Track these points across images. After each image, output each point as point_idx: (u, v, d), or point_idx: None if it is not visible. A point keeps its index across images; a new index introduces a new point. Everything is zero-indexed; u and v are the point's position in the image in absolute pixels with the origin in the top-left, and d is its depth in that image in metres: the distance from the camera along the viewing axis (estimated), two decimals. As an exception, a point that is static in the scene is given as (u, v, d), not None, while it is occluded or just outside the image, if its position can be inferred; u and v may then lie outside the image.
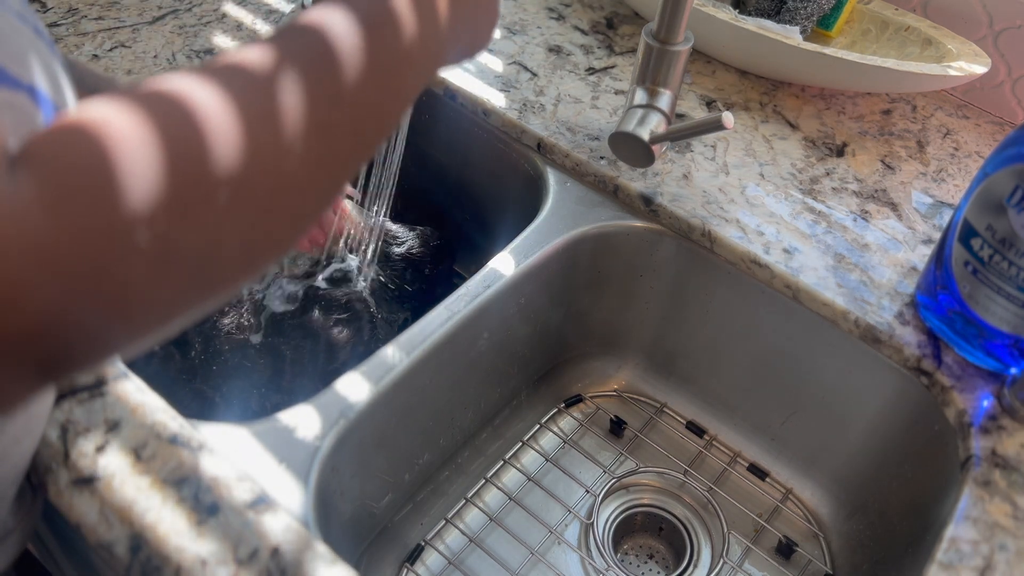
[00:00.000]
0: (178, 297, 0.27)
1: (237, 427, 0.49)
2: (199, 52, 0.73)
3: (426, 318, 0.57)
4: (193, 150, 0.26)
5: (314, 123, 0.30)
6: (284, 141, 0.29)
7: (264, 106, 0.29)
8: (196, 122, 0.27)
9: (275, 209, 0.29)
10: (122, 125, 0.25)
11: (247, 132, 0.28)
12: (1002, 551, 0.47)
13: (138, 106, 0.26)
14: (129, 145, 0.25)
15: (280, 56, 0.30)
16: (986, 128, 0.79)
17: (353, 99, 0.32)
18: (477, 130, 0.75)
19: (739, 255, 0.63)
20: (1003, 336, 0.54)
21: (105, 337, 0.26)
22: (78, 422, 0.46)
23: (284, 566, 0.41)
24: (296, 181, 0.30)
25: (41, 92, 0.32)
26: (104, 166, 0.24)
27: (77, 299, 0.24)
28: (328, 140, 0.31)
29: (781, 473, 0.70)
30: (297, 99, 0.29)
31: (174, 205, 0.26)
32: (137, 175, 0.25)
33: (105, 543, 0.42)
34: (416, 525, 0.65)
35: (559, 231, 0.65)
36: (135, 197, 0.25)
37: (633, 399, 0.75)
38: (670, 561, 0.67)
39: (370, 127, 0.33)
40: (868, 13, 0.83)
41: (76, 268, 0.24)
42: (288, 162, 0.29)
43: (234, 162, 0.27)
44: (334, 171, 0.32)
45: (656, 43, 0.62)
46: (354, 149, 0.32)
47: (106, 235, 0.24)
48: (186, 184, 0.26)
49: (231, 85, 0.28)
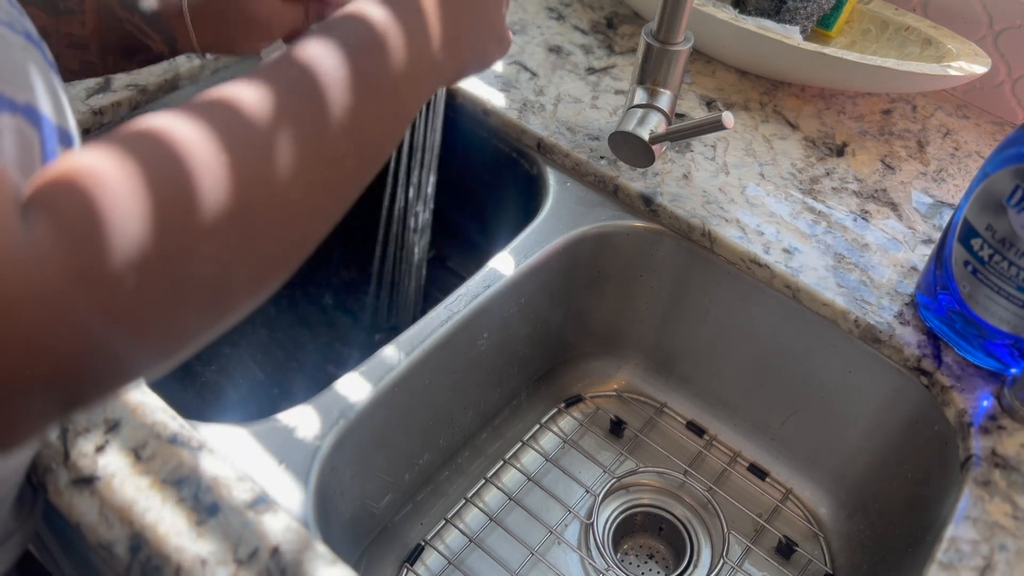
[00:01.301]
0: (191, 325, 0.28)
1: (237, 427, 0.49)
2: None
3: (426, 318, 0.57)
4: (188, 190, 0.27)
5: (311, 150, 0.30)
6: (284, 170, 0.29)
7: (261, 137, 0.29)
8: (187, 162, 0.27)
9: (280, 236, 0.30)
10: (117, 173, 0.26)
11: (246, 166, 0.28)
12: (1002, 551, 0.47)
13: (129, 152, 0.26)
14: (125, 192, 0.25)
15: (274, 86, 0.30)
16: (986, 128, 0.79)
17: (349, 123, 0.32)
18: (477, 130, 0.75)
19: (739, 255, 0.63)
20: (1003, 336, 0.54)
21: (124, 371, 0.27)
22: (78, 422, 0.46)
23: (284, 566, 0.41)
24: (299, 208, 0.30)
25: (39, 111, 0.32)
26: (107, 213, 0.25)
27: (94, 339, 0.25)
28: (327, 165, 0.31)
29: (781, 473, 0.70)
30: (293, 128, 0.30)
31: (178, 243, 0.26)
32: (137, 219, 0.25)
33: (105, 543, 0.42)
34: (416, 525, 0.65)
35: (559, 231, 0.65)
36: (139, 240, 0.25)
37: (633, 399, 0.75)
38: (670, 561, 0.67)
39: (368, 149, 0.33)
40: (868, 13, 0.83)
41: (92, 311, 0.24)
42: (289, 191, 0.30)
43: (234, 196, 0.28)
44: (337, 193, 0.32)
45: (656, 43, 0.62)
46: (354, 170, 0.33)
47: (118, 278, 0.25)
48: (186, 222, 0.27)
49: (220, 122, 0.29)
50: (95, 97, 0.67)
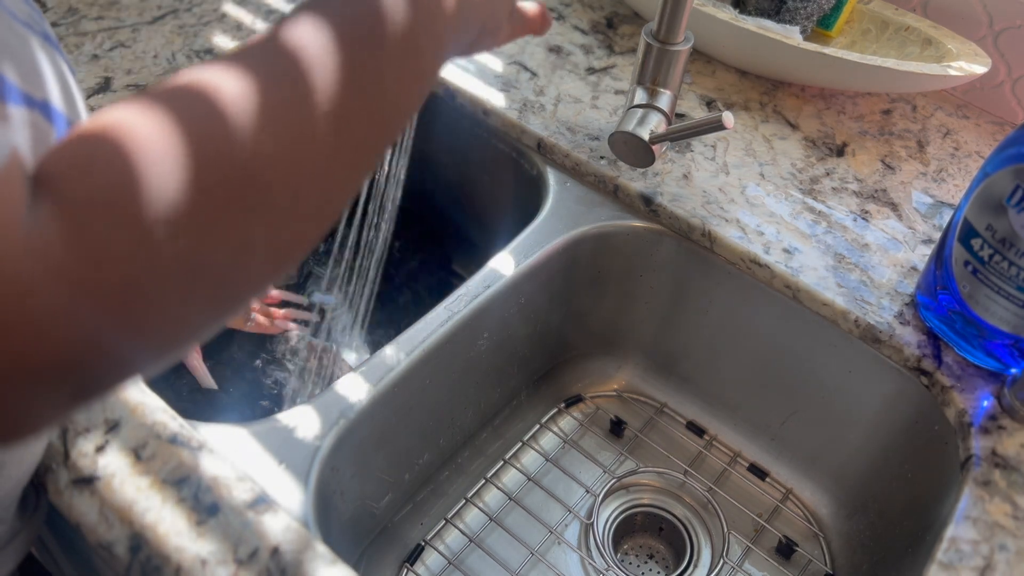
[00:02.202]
0: (205, 309, 0.27)
1: (237, 427, 0.49)
2: (199, 52, 0.73)
3: (426, 318, 0.57)
4: (220, 152, 0.26)
5: (333, 112, 0.29)
6: (307, 132, 0.28)
7: (283, 96, 0.28)
8: (220, 118, 0.26)
9: (299, 207, 0.28)
10: (145, 130, 0.24)
11: (271, 126, 0.27)
12: (1002, 551, 0.47)
13: (155, 112, 0.25)
14: (154, 153, 0.24)
15: (292, 45, 0.29)
16: (986, 128, 0.79)
17: (371, 84, 0.31)
18: (477, 130, 0.75)
19: (739, 255, 0.63)
20: (1003, 336, 0.54)
21: (136, 357, 0.26)
22: (78, 422, 0.46)
23: (284, 566, 0.41)
24: (319, 176, 0.29)
25: (55, 108, 0.32)
26: (127, 181, 0.24)
27: (107, 326, 0.24)
28: (348, 129, 0.30)
29: (781, 473, 0.70)
30: (314, 89, 0.29)
31: (201, 218, 0.25)
32: (163, 187, 0.24)
33: (105, 543, 0.42)
34: (416, 525, 0.65)
35: (559, 231, 0.65)
36: (161, 211, 0.24)
37: (633, 399, 0.75)
38: (670, 561, 0.67)
39: (388, 112, 0.32)
40: (868, 13, 0.83)
41: (104, 295, 0.24)
42: (311, 155, 0.28)
43: (259, 161, 0.26)
44: (356, 161, 0.31)
45: (656, 43, 0.62)
46: (374, 136, 0.31)
47: (133, 257, 0.24)
48: (213, 193, 0.25)
49: (248, 76, 0.27)
50: (95, 97, 0.67)
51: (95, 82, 0.68)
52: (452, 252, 0.87)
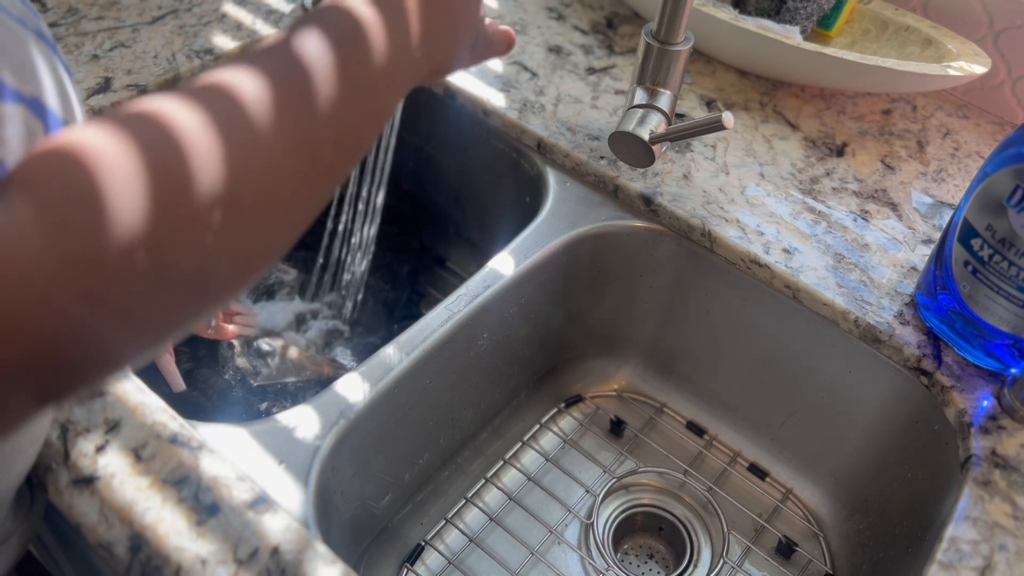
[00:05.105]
0: (173, 315, 0.28)
1: (237, 427, 0.49)
2: (199, 52, 0.73)
3: (426, 318, 0.57)
4: (182, 173, 0.26)
5: (296, 140, 0.30)
6: (269, 159, 0.29)
7: (248, 125, 0.29)
8: (183, 145, 0.27)
9: (264, 225, 0.30)
10: (110, 151, 0.25)
11: (233, 152, 0.28)
12: (1002, 551, 0.47)
13: (124, 131, 0.26)
14: (119, 171, 0.25)
15: (259, 76, 0.30)
16: (986, 128, 0.79)
17: (332, 115, 0.32)
18: (477, 130, 0.75)
19: (739, 255, 0.63)
20: (1003, 336, 0.54)
21: (103, 359, 0.26)
22: (78, 422, 0.46)
23: (284, 566, 0.41)
24: (283, 197, 0.30)
25: (46, 105, 0.32)
26: (97, 192, 0.24)
27: (74, 325, 0.24)
28: (311, 156, 0.31)
29: (781, 473, 0.70)
30: (279, 117, 0.30)
31: (167, 228, 0.26)
32: (129, 201, 0.25)
33: (105, 543, 0.42)
34: (416, 525, 0.65)
35: (559, 231, 0.65)
36: (128, 222, 0.25)
37: (633, 399, 0.75)
38: (670, 561, 0.67)
39: (349, 141, 0.34)
40: (868, 13, 0.83)
41: (73, 295, 0.24)
42: (275, 180, 0.30)
43: (221, 182, 0.27)
44: (318, 185, 0.32)
45: (656, 43, 0.62)
46: (336, 163, 0.33)
47: (102, 261, 0.24)
48: (177, 206, 0.26)
49: (213, 106, 0.28)
50: (95, 97, 0.67)
51: (95, 82, 0.68)
52: (451, 252, 0.87)
